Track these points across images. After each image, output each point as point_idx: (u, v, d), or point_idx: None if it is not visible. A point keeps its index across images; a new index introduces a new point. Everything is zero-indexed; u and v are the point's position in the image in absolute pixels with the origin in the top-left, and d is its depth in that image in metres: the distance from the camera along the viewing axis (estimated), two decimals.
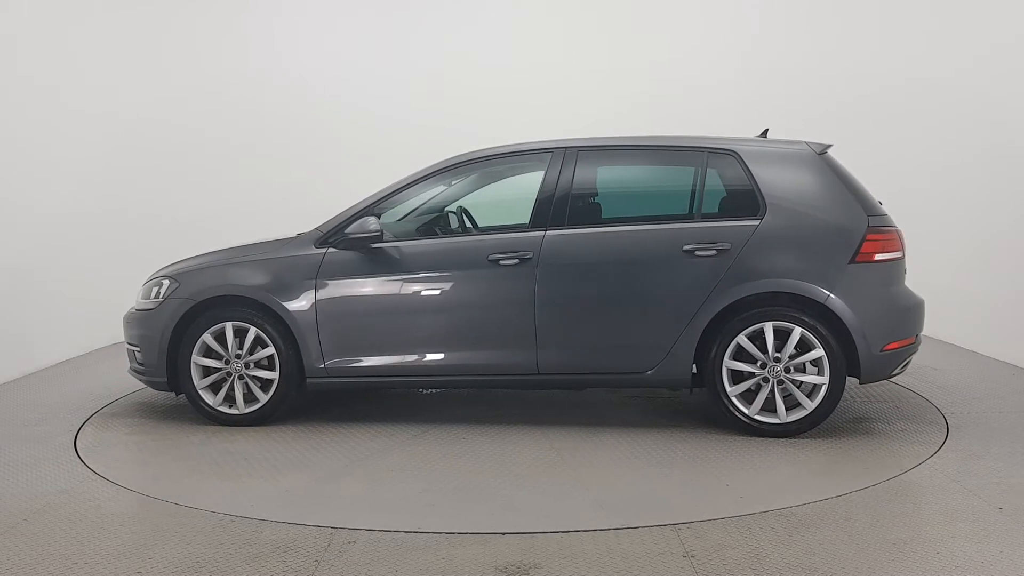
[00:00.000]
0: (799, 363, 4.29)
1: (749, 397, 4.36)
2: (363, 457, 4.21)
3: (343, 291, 4.60)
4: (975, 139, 6.42)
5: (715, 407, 4.43)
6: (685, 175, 4.67)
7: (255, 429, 4.67)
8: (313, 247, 4.67)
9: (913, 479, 3.77)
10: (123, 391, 5.57)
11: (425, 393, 5.48)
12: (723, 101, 8.04)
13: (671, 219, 4.55)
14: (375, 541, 3.18)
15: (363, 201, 4.72)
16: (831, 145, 4.62)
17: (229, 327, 4.66)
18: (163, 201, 7.62)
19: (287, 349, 4.61)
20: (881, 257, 4.33)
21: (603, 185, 4.79)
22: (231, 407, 4.71)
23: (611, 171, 4.83)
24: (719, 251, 4.34)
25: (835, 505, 3.46)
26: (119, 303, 7.18)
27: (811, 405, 4.29)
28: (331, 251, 4.63)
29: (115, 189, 7.25)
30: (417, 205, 4.93)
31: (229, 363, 4.68)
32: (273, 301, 4.61)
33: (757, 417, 4.34)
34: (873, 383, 4.89)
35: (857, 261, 4.29)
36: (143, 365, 4.86)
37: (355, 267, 4.61)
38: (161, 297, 4.83)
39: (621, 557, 3.01)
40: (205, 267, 4.86)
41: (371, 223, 4.54)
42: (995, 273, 6.19)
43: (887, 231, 4.38)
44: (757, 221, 4.37)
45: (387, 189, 4.75)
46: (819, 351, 4.26)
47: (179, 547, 3.14)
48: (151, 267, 7.35)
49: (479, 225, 5.15)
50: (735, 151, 4.52)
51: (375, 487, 3.80)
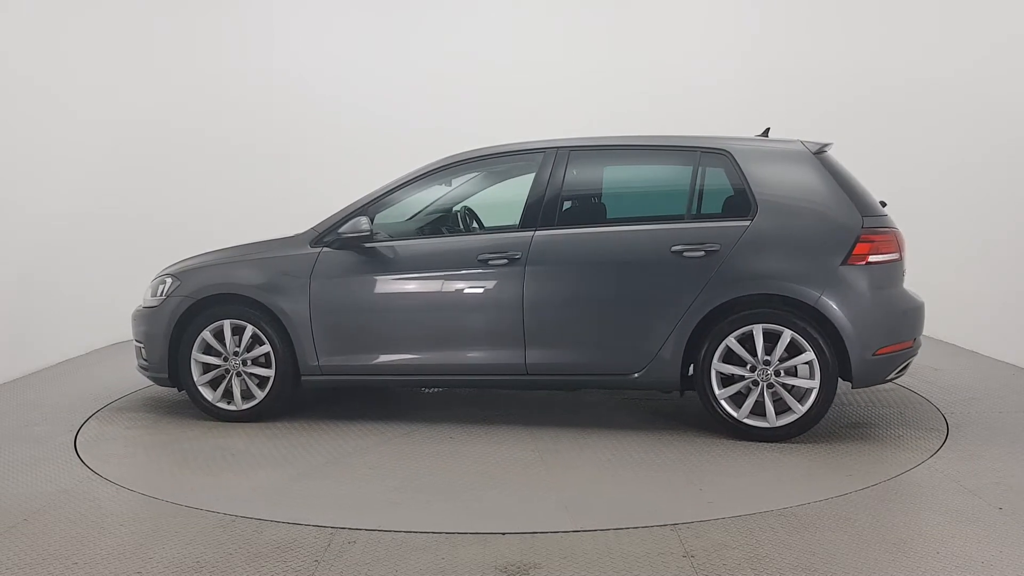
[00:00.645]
0: (789, 366, 4.22)
1: (739, 400, 4.29)
2: (345, 454, 4.26)
3: (336, 290, 4.64)
4: (975, 139, 6.42)
5: (704, 410, 4.39)
6: (678, 175, 4.61)
7: (251, 425, 4.75)
8: (308, 247, 4.73)
9: (913, 479, 3.77)
10: (123, 391, 5.57)
11: (427, 392, 5.49)
12: (724, 101, 8.05)
13: (661, 219, 4.50)
14: (375, 541, 3.18)
15: (357, 201, 4.77)
16: (830, 144, 4.57)
17: (227, 325, 4.74)
18: (163, 201, 7.61)
19: (283, 347, 4.68)
20: (876, 259, 4.23)
21: (594, 185, 4.78)
22: (229, 403, 4.79)
23: (603, 171, 4.81)
24: (708, 252, 4.28)
25: (835, 505, 3.46)
26: (119, 303, 7.18)
27: (801, 409, 4.20)
28: (325, 251, 4.69)
29: (115, 189, 7.25)
30: (412, 205, 4.95)
31: (228, 360, 4.76)
32: (269, 299, 4.68)
33: (746, 421, 4.26)
34: (867, 387, 4.81)
35: (849, 263, 4.19)
36: (147, 361, 4.95)
37: (348, 266, 4.65)
38: (164, 295, 4.90)
39: (621, 557, 3.01)
40: (205, 266, 4.94)
41: (362, 223, 4.58)
42: (995, 273, 6.18)
43: (883, 232, 4.29)
44: (748, 222, 4.31)
45: (381, 189, 4.78)
46: (809, 354, 4.18)
47: (179, 547, 3.14)
48: (150, 267, 7.35)
49: (483, 225, 5.17)
50: (728, 150, 4.46)
51: (345, 484, 3.84)
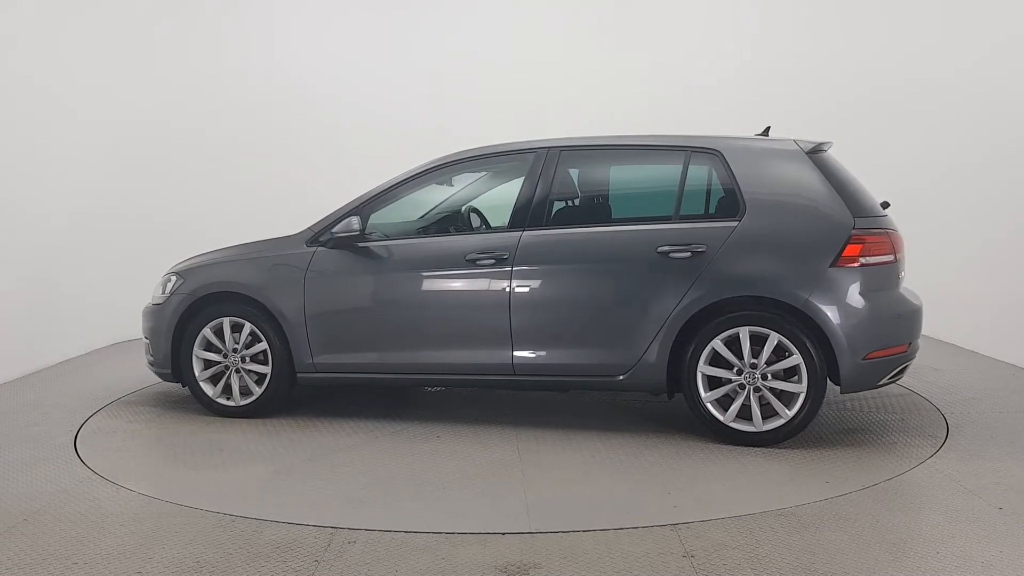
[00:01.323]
0: (776, 370, 4.13)
1: (728, 404, 4.22)
2: (330, 452, 4.30)
3: (330, 289, 4.71)
4: (975, 139, 6.42)
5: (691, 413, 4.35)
6: (667, 175, 4.54)
7: (247, 421, 4.83)
8: (304, 246, 4.80)
9: (913, 479, 3.77)
10: (123, 391, 5.57)
11: (429, 392, 5.49)
12: (724, 101, 8.05)
13: (649, 220, 4.47)
14: (375, 541, 3.18)
15: (352, 201, 4.81)
16: (828, 143, 4.53)
17: (226, 322, 4.85)
18: (163, 202, 7.61)
19: (280, 344, 4.76)
20: (867, 261, 4.12)
21: (584, 186, 4.76)
22: (229, 399, 4.89)
23: (593, 171, 4.78)
24: (694, 253, 4.22)
25: (835, 505, 3.46)
26: (119, 303, 7.21)
27: (788, 414, 4.12)
28: (320, 250, 4.76)
29: (115, 189, 7.25)
30: (406, 205, 4.96)
31: (227, 357, 4.86)
32: (265, 298, 4.77)
33: (732, 425, 4.19)
34: (857, 392, 4.69)
35: (839, 264, 4.10)
36: (153, 356, 5.07)
37: (341, 266, 4.71)
38: (168, 292, 5.02)
39: (621, 557, 3.01)
40: (206, 264, 5.05)
41: (353, 223, 4.64)
42: (995, 273, 6.18)
43: (877, 233, 4.18)
44: (735, 222, 4.24)
45: (375, 189, 4.81)
46: (796, 358, 4.09)
47: (179, 547, 3.14)
48: (150, 267, 7.37)
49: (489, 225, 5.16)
50: (718, 150, 4.39)
51: (319, 482, 3.87)
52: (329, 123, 8.19)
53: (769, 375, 4.14)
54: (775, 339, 4.11)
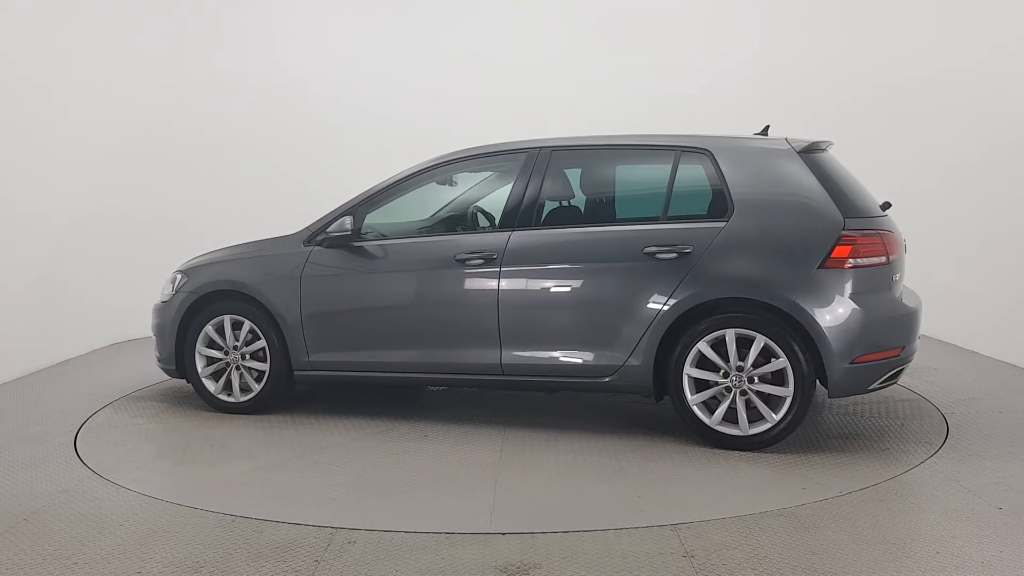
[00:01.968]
0: (763, 373, 4.07)
1: (715, 407, 4.16)
2: (315, 449, 4.35)
3: (324, 287, 4.77)
4: (975, 139, 6.41)
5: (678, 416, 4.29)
6: (658, 174, 4.48)
7: (245, 417, 4.93)
8: (302, 245, 4.87)
9: (913, 479, 3.77)
10: (123, 391, 5.57)
11: (432, 391, 5.49)
12: (724, 101, 8.04)
13: (637, 220, 4.45)
14: (375, 541, 3.18)
15: (348, 201, 4.87)
16: (825, 142, 4.47)
17: (227, 320, 4.95)
18: (164, 202, 7.60)
19: (278, 342, 4.84)
20: (857, 263, 4.02)
21: (574, 186, 4.73)
22: (230, 395, 4.98)
23: (583, 171, 4.75)
24: (680, 254, 4.17)
25: (835, 505, 3.46)
26: (119, 303, 7.21)
27: (774, 418, 4.05)
28: (316, 249, 4.82)
29: (115, 190, 7.24)
30: (401, 205, 4.97)
31: (228, 354, 4.96)
32: (264, 296, 4.85)
33: (718, 428, 4.14)
34: (847, 396, 4.60)
35: (828, 266, 4.01)
36: (159, 353, 5.18)
37: (335, 265, 4.77)
38: (174, 290, 5.14)
39: (621, 557, 3.01)
40: (210, 263, 5.16)
41: (346, 223, 4.71)
42: (995, 273, 6.18)
43: (869, 235, 4.08)
44: (723, 223, 4.19)
45: (370, 190, 4.86)
46: (783, 361, 4.02)
47: (179, 547, 3.14)
48: (150, 267, 7.38)
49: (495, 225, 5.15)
50: (708, 149, 4.34)
51: (296, 479, 3.92)
52: (329, 123, 8.18)
53: (756, 378, 4.08)
54: (761, 342, 4.05)
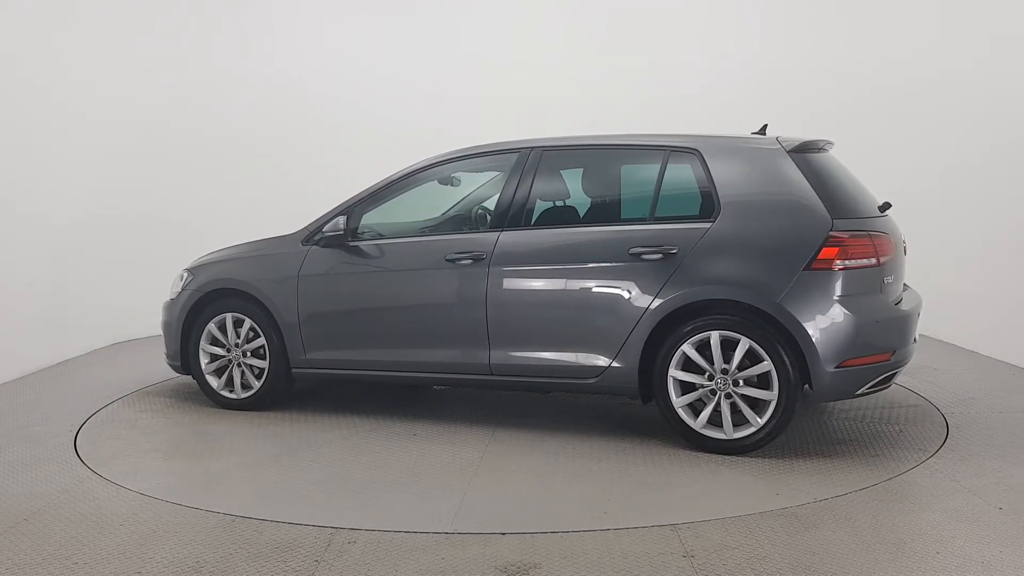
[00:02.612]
0: (749, 376, 4.00)
1: (702, 410, 4.11)
2: (303, 446, 4.41)
3: (320, 286, 4.82)
4: (975, 139, 6.41)
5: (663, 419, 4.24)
6: (647, 174, 4.45)
7: (244, 414, 5.02)
8: (300, 245, 4.94)
9: (913, 479, 3.77)
10: (123, 391, 5.57)
11: (438, 390, 5.51)
12: (724, 101, 8.04)
13: (625, 220, 4.42)
14: (375, 541, 3.18)
15: (345, 201, 4.92)
16: (821, 141, 4.41)
17: (229, 318, 5.04)
18: (164, 202, 7.60)
19: (276, 340, 4.91)
20: (845, 264, 3.93)
21: (563, 186, 4.72)
22: (231, 392, 5.08)
23: (573, 171, 4.73)
24: (665, 254, 4.13)
25: (835, 505, 3.46)
26: (118, 303, 7.21)
27: (759, 422, 3.98)
28: (313, 248, 4.89)
29: (115, 190, 7.24)
30: (397, 205, 4.99)
31: (230, 351, 5.05)
32: (263, 294, 4.93)
33: (702, 431, 4.08)
34: (833, 401, 4.60)
35: (814, 267, 3.93)
36: (167, 349, 5.29)
37: (331, 264, 4.83)
38: (180, 288, 5.24)
39: (621, 557, 3.01)
40: (214, 261, 5.26)
41: (339, 223, 4.77)
42: (995, 273, 6.18)
43: (858, 236, 3.99)
44: (709, 224, 4.13)
45: (366, 190, 4.90)
46: (767, 364, 3.95)
47: (179, 547, 3.14)
48: (150, 268, 7.39)
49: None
50: (697, 149, 4.29)
51: (275, 475, 3.97)
52: (329, 123, 8.18)
53: (741, 381, 4.02)
54: (746, 344, 3.98)
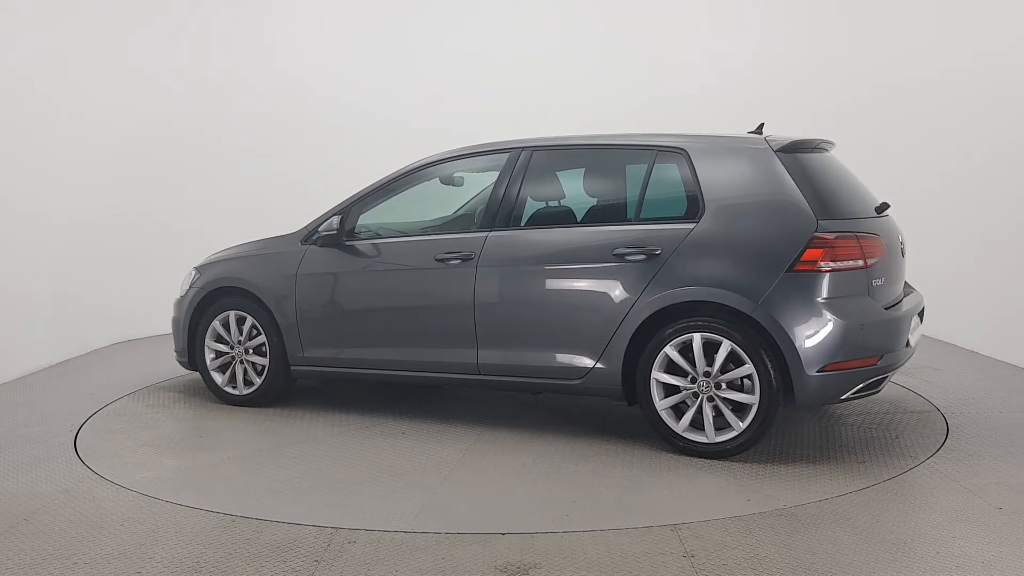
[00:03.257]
0: (731, 379, 3.94)
1: (686, 413, 4.05)
2: (290, 442, 4.47)
3: (317, 285, 4.89)
4: (976, 139, 6.41)
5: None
6: (634, 175, 4.41)
7: (242, 411, 5.11)
8: (299, 244, 5.01)
9: (913, 479, 3.77)
10: (123, 391, 5.57)
11: (442, 390, 5.51)
12: (724, 101, 8.05)
13: (611, 221, 4.36)
14: (375, 541, 3.18)
15: (342, 202, 4.98)
16: (816, 141, 4.34)
17: (232, 315, 5.15)
18: (164, 202, 7.60)
19: (277, 338, 4.99)
20: (830, 266, 3.84)
21: (552, 186, 4.70)
22: (234, 388, 5.19)
23: (563, 172, 4.71)
24: (649, 255, 4.08)
25: (835, 505, 3.46)
26: (118, 303, 7.21)
27: (740, 426, 3.91)
28: (311, 248, 4.96)
29: (115, 191, 7.24)
30: (393, 205, 5.02)
31: (234, 348, 5.16)
32: (263, 292, 5.02)
33: (684, 435, 4.02)
34: (816, 407, 4.55)
35: (796, 270, 3.84)
36: (175, 345, 5.41)
37: (327, 263, 4.88)
38: (188, 286, 5.36)
39: (621, 557, 3.01)
40: (219, 260, 5.36)
41: (334, 222, 4.84)
42: (995, 273, 6.18)
43: (844, 237, 3.90)
44: (693, 224, 4.08)
45: (363, 190, 4.95)
46: (749, 367, 3.87)
47: (179, 547, 3.14)
48: (150, 268, 7.40)
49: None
50: (684, 149, 4.23)
51: (255, 471, 4.02)
52: (330, 123, 8.19)
53: (723, 384, 3.96)
54: (727, 347, 3.91)
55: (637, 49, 8.44)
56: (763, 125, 4.73)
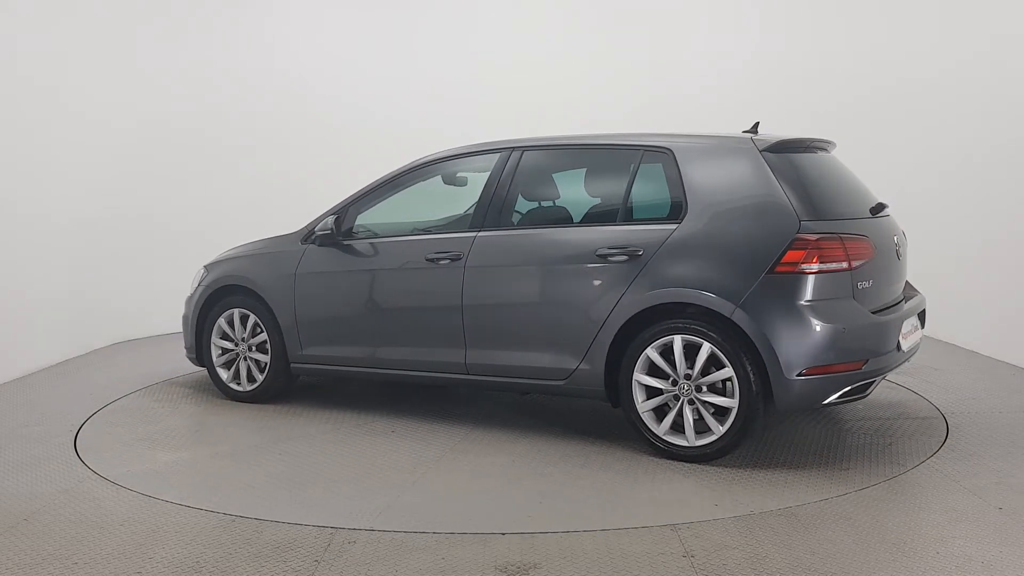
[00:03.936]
0: (712, 382, 3.88)
1: (666, 415, 4.00)
2: (280, 439, 4.52)
3: (314, 284, 4.95)
4: (975, 139, 6.41)
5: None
6: (621, 175, 4.34)
7: (242, 406, 5.21)
8: (299, 243, 5.08)
9: (913, 479, 3.77)
10: (123, 391, 5.57)
11: (442, 390, 5.51)
12: (724, 100, 8.05)
13: (597, 221, 4.34)
14: (375, 541, 3.18)
15: (340, 202, 5.03)
16: (807, 139, 4.28)
17: (236, 313, 5.25)
18: (164, 203, 7.60)
19: (277, 335, 5.09)
20: (813, 268, 3.75)
21: (540, 186, 4.69)
22: (238, 384, 5.28)
23: (549, 172, 4.69)
24: (631, 256, 4.04)
25: (835, 505, 3.46)
26: (119, 303, 7.21)
27: (720, 430, 3.86)
28: (310, 247, 5.02)
29: (115, 191, 7.24)
30: (390, 205, 5.04)
31: (238, 345, 5.26)
32: (264, 291, 5.10)
33: (665, 438, 3.99)
34: (795, 412, 4.51)
35: (777, 271, 3.77)
36: (185, 342, 5.53)
37: (324, 262, 4.95)
38: (197, 283, 5.48)
39: (621, 557, 3.01)
40: (225, 258, 5.45)
41: (329, 222, 4.89)
42: (995, 273, 6.18)
43: (828, 239, 3.80)
44: (675, 225, 4.03)
45: (360, 191, 4.99)
46: (728, 370, 3.82)
47: (179, 547, 3.14)
48: (150, 268, 7.40)
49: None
50: (670, 149, 4.18)
51: (237, 467, 4.07)
52: (330, 123, 8.19)
53: (704, 387, 3.91)
54: (707, 349, 3.86)
55: (637, 49, 8.44)
56: (758, 124, 4.68)
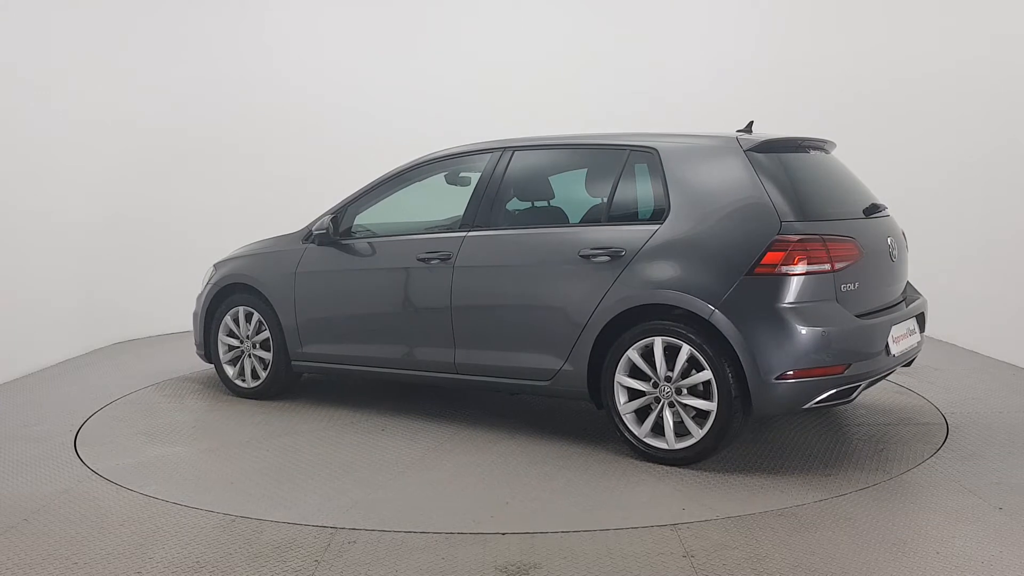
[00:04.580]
0: (692, 384, 3.83)
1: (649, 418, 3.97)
2: (271, 435, 4.58)
3: (313, 283, 5.02)
4: (976, 139, 6.41)
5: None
6: (608, 175, 4.31)
7: (244, 402, 5.30)
8: (300, 243, 5.16)
9: (913, 479, 3.77)
10: (123, 391, 5.57)
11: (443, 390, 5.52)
12: (724, 100, 8.05)
13: (583, 222, 4.33)
14: (375, 541, 3.18)
15: (339, 202, 5.09)
16: (799, 139, 4.24)
17: (241, 311, 5.35)
18: (164, 203, 7.61)
19: (279, 333, 5.17)
20: (793, 270, 3.68)
21: (529, 186, 4.68)
22: (243, 381, 5.39)
23: (539, 172, 4.68)
24: (613, 256, 4.01)
25: (835, 505, 3.46)
26: (118, 304, 7.21)
27: (699, 433, 3.81)
28: (310, 247, 5.10)
29: (116, 192, 7.24)
30: (388, 205, 5.07)
31: (243, 343, 5.36)
32: (268, 289, 5.20)
33: (646, 440, 3.94)
34: (773, 416, 4.46)
35: (756, 273, 3.71)
36: (195, 338, 5.62)
37: (322, 261, 5.02)
38: (206, 281, 5.58)
39: (621, 557, 3.01)
40: (232, 257, 5.56)
41: (325, 221, 4.97)
42: (995, 273, 6.18)
43: (810, 240, 3.72)
44: (658, 225, 3.99)
45: (358, 191, 5.05)
46: (707, 373, 3.76)
47: (179, 547, 3.14)
48: (150, 268, 7.40)
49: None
50: (655, 148, 4.15)
51: (224, 463, 4.13)
52: (330, 124, 8.20)
53: (684, 390, 3.86)
54: (686, 352, 3.82)
55: (637, 49, 8.44)
56: (752, 123, 4.61)
